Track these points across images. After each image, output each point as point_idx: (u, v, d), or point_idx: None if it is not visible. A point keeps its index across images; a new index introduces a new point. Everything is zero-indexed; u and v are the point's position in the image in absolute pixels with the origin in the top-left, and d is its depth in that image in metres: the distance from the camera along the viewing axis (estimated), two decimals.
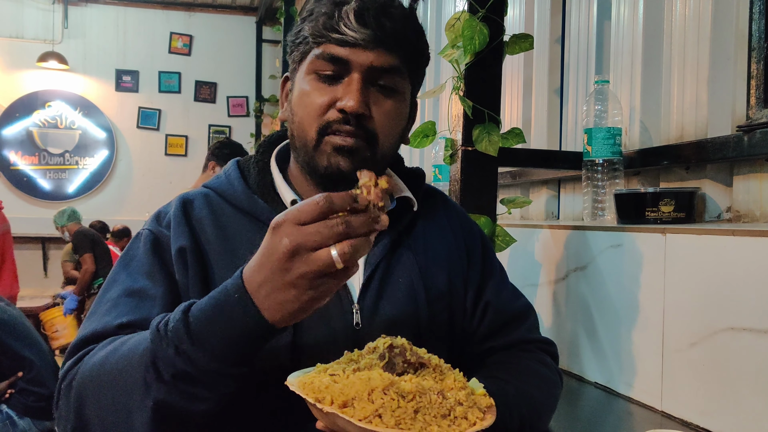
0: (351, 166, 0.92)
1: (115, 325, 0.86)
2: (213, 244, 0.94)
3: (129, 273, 0.93)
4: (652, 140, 1.70)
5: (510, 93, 2.41)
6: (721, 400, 1.20)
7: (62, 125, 7.19)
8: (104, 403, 0.79)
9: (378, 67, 0.92)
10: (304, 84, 0.95)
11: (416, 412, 0.68)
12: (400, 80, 0.96)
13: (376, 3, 0.92)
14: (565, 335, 1.68)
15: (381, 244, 0.99)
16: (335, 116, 0.92)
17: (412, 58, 0.97)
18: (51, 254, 6.94)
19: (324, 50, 0.92)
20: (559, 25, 2.18)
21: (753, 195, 1.40)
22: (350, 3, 0.91)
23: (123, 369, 0.77)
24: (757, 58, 1.35)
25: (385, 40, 0.91)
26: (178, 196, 1.01)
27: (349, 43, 0.90)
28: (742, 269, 1.17)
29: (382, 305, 0.95)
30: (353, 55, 0.91)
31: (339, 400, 0.68)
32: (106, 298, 0.92)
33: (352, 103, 0.90)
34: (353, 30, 0.90)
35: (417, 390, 0.70)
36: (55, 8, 7.19)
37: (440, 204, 1.12)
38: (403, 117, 1.00)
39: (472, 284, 1.06)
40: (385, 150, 0.97)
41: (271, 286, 0.70)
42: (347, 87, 0.91)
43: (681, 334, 1.30)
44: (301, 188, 1.01)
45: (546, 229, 1.81)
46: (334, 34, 0.90)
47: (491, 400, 0.76)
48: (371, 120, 0.93)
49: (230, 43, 7.67)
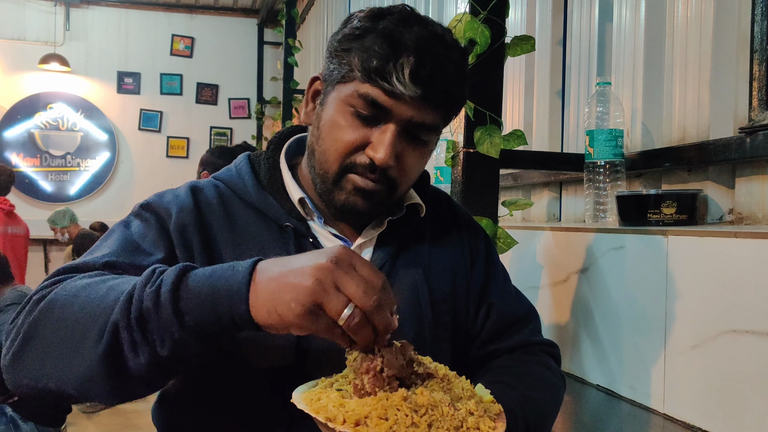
0: (367, 207, 0.93)
1: (102, 262, 0.84)
2: (222, 231, 0.93)
3: (123, 231, 0.91)
4: (654, 142, 1.70)
5: (511, 95, 2.41)
6: (723, 403, 1.20)
7: (64, 127, 7.20)
8: (65, 322, 0.74)
9: (418, 123, 0.90)
10: (338, 114, 0.91)
11: (430, 426, 0.68)
12: (435, 135, 0.95)
13: (435, 60, 0.87)
14: (566, 337, 1.68)
15: (386, 248, 0.99)
16: (362, 161, 0.90)
17: (451, 112, 0.96)
18: (52, 256, 6.94)
19: (368, 92, 0.87)
20: (561, 27, 2.18)
21: (755, 197, 1.40)
22: (409, 54, 0.85)
23: (99, 297, 0.74)
24: (759, 60, 1.35)
25: (433, 100, 0.89)
26: (187, 182, 1.00)
27: (395, 95, 0.87)
28: (745, 271, 1.16)
29: None
30: (396, 107, 0.88)
31: (351, 419, 0.67)
32: (100, 242, 0.90)
33: (382, 156, 0.88)
34: (404, 86, 0.86)
35: (429, 403, 0.69)
36: (56, 10, 7.20)
37: (445, 205, 1.12)
38: (426, 160, 0.99)
39: (475, 287, 1.06)
40: (402, 192, 0.97)
41: (268, 300, 0.68)
42: (381, 136, 0.89)
43: (683, 336, 1.30)
44: (309, 187, 1.00)
45: (548, 231, 1.80)
46: (383, 81, 0.86)
47: (500, 407, 0.76)
48: (395, 169, 0.92)
49: (232, 45, 7.68)
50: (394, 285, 0.96)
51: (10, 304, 3.22)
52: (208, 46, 7.64)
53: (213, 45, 7.64)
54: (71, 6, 7.24)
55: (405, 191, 0.98)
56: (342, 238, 0.98)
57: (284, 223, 0.95)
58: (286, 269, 0.69)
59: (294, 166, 1.03)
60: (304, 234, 0.95)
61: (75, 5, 7.26)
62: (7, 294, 3.32)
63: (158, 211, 0.93)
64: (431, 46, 0.87)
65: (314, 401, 0.71)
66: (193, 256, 0.90)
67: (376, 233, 1.00)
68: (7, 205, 4.68)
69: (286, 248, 0.93)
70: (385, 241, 1.00)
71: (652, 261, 1.38)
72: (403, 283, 0.98)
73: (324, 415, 0.68)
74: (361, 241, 0.99)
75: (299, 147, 1.04)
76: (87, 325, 0.72)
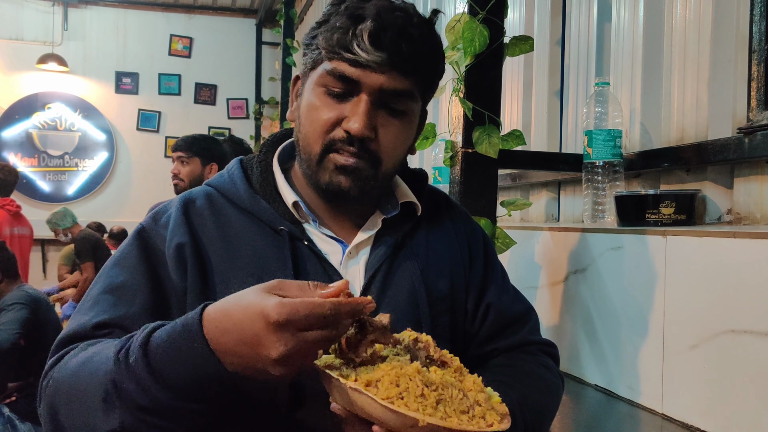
0: (351, 185, 0.92)
1: (91, 325, 0.87)
2: (214, 242, 0.94)
3: (113, 267, 0.93)
4: (652, 142, 1.70)
5: (510, 95, 2.41)
6: (721, 403, 1.20)
7: (62, 127, 7.19)
8: (74, 413, 0.79)
9: (389, 90, 0.90)
10: (313, 96, 0.93)
11: (438, 403, 0.69)
12: (411, 102, 0.95)
13: (395, 23, 0.88)
14: (565, 338, 1.68)
15: (382, 247, 0.99)
16: (340, 135, 0.90)
17: (426, 80, 0.96)
18: (50, 256, 6.93)
19: (335, 67, 0.89)
20: (560, 27, 2.18)
21: (754, 197, 1.40)
22: (367, 21, 0.87)
23: (88, 387, 0.77)
24: (758, 60, 1.35)
25: (400, 64, 0.89)
26: (180, 195, 1.01)
27: (361, 64, 0.87)
28: (743, 271, 1.16)
29: (383, 309, 0.95)
30: (364, 77, 0.88)
31: (363, 379, 0.68)
32: (90, 294, 0.92)
33: (357, 126, 0.88)
34: (366, 51, 0.86)
35: (441, 382, 0.71)
36: (54, 10, 7.19)
37: (443, 205, 1.11)
38: (410, 136, 0.99)
39: (473, 286, 1.06)
40: (388, 169, 0.96)
41: (240, 363, 0.72)
42: (354, 108, 0.90)
43: (681, 336, 1.30)
44: (302, 190, 1.00)
45: (546, 232, 1.80)
46: (346, 53, 0.87)
47: (507, 409, 0.76)
48: (376, 142, 0.92)
49: (230, 45, 7.67)
50: (391, 285, 0.96)
51: (13, 303, 3.24)
52: (207, 46, 7.63)
53: (211, 45, 7.64)
54: (69, 6, 7.23)
55: (391, 168, 0.97)
56: (338, 240, 0.98)
57: (278, 226, 0.94)
58: (235, 348, 0.71)
59: (287, 169, 1.03)
60: (299, 237, 0.95)
61: (73, 5, 7.25)
62: (12, 292, 3.34)
63: (152, 237, 0.95)
64: (390, 13, 0.89)
65: (326, 363, 0.73)
66: (188, 273, 0.91)
67: (372, 233, 1.00)
68: (14, 207, 4.67)
69: (281, 252, 0.93)
70: (381, 242, 0.99)
71: (651, 261, 1.38)
72: (401, 283, 0.97)
73: (337, 372, 0.70)
74: (357, 241, 0.98)
75: (293, 150, 1.04)
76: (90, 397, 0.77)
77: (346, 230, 1.00)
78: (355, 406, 0.69)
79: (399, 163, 0.99)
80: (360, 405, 0.68)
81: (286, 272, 0.91)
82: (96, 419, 0.76)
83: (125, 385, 0.73)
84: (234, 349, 0.70)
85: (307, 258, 0.94)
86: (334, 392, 0.72)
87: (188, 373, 0.72)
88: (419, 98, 0.96)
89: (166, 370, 0.72)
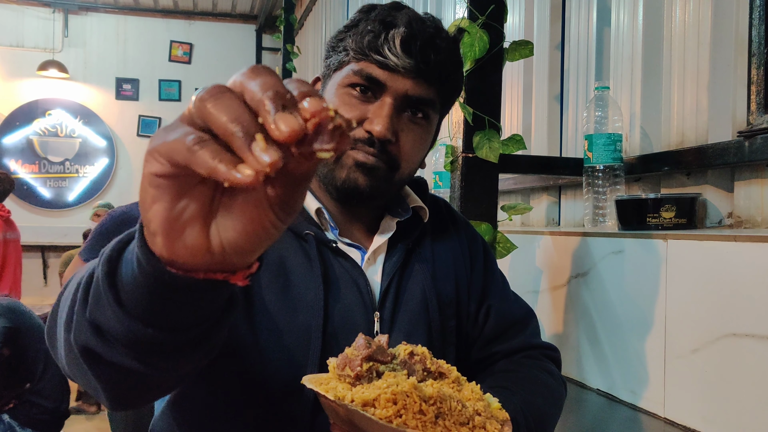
0: (367, 184, 0.92)
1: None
2: None
3: (88, 248, 0.89)
4: (652, 146, 1.70)
5: (510, 100, 2.42)
6: (723, 407, 1.20)
7: (62, 134, 7.20)
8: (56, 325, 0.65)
9: (413, 97, 0.92)
10: (336, 97, 0.93)
11: (437, 417, 0.68)
12: (432, 112, 0.96)
13: (425, 33, 0.91)
14: (566, 342, 1.68)
15: (397, 253, 0.99)
16: (361, 135, 0.91)
17: (447, 92, 0.97)
18: (51, 263, 6.93)
19: (363, 68, 0.91)
20: (559, 32, 2.19)
21: (754, 201, 1.40)
22: (399, 27, 0.90)
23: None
24: (758, 64, 1.35)
25: (426, 72, 0.91)
26: None
27: (389, 67, 0.89)
28: (744, 275, 1.16)
29: (399, 314, 0.96)
30: (391, 80, 0.90)
31: (360, 400, 0.68)
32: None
33: (380, 128, 0.89)
34: (396, 56, 0.89)
35: (438, 395, 0.70)
36: (55, 17, 7.21)
37: (444, 211, 1.13)
38: (426, 145, 1.00)
39: (475, 290, 1.07)
40: (404, 175, 0.97)
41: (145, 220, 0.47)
42: (378, 110, 0.90)
43: (683, 340, 1.30)
44: (321, 197, 1.00)
45: (547, 236, 1.80)
46: (376, 55, 0.90)
47: (507, 415, 0.76)
48: (396, 146, 0.93)
49: (230, 51, 7.69)
50: (405, 290, 0.97)
51: None
52: (207, 52, 7.65)
53: (211, 51, 7.65)
54: (70, 12, 7.25)
55: (406, 175, 0.97)
56: (357, 247, 0.99)
57: (304, 231, 0.94)
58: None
59: None
60: (326, 241, 0.94)
61: (73, 12, 7.27)
62: None
63: (128, 216, 0.95)
64: (421, 23, 0.92)
65: (323, 383, 0.72)
66: None
67: (387, 237, 1.00)
68: (5, 212, 4.69)
69: (307, 254, 0.92)
70: (395, 247, 1.00)
71: (652, 265, 1.38)
72: (413, 288, 0.98)
73: (333, 394, 0.68)
74: (374, 246, 0.99)
75: None
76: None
77: (359, 236, 1.01)
78: (355, 426, 0.69)
79: (414, 170, 1.00)
80: (360, 426, 0.68)
81: (313, 274, 0.91)
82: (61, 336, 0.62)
83: (95, 301, 0.55)
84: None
85: (334, 260, 0.94)
86: (332, 413, 0.72)
87: (134, 276, 0.51)
88: (439, 110, 0.98)
89: (122, 282, 0.53)
